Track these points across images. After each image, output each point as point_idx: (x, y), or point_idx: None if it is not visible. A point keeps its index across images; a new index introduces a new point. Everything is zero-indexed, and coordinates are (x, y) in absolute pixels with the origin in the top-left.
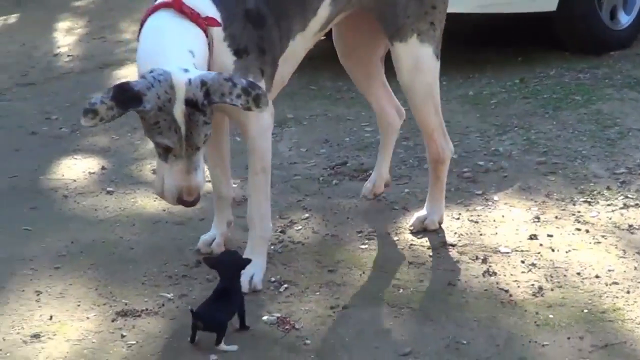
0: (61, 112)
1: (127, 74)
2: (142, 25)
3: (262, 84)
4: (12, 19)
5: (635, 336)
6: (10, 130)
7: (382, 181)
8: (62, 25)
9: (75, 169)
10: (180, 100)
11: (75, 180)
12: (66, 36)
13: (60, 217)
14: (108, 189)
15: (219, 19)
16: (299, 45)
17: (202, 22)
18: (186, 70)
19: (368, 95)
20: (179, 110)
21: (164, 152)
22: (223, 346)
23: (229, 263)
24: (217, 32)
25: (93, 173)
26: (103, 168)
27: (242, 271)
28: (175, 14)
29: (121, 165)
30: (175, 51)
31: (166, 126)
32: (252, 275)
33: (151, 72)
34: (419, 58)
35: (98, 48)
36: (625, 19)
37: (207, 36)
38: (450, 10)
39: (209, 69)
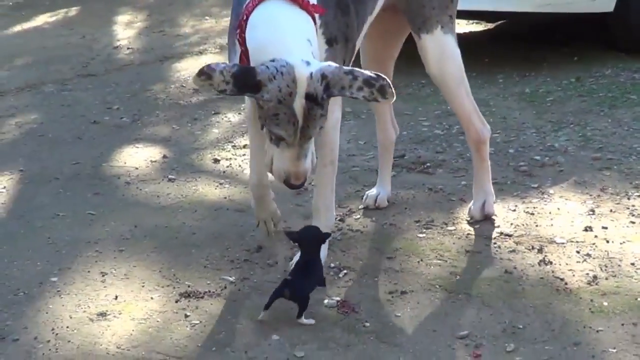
0: (122, 103)
1: (187, 66)
2: (247, 14)
3: None
4: (73, 11)
5: None
6: (72, 119)
7: (386, 195)
8: (122, 18)
9: (137, 157)
10: (301, 94)
11: (137, 168)
12: (126, 29)
13: (123, 203)
14: (169, 176)
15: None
16: (366, 30)
17: (312, 10)
18: (308, 63)
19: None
20: (298, 105)
21: (277, 140)
22: (303, 320)
23: (311, 237)
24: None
25: (155, 161)
26: (164, 157)
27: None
28: (285, 2)
29: (182, 154)
30: (296, 41)
31: (285, 119)
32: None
33: (273, 61)
34: (445, 47)
35: (157, 41)
36: None
37: (315, 23)
38: (511, 9)
39: None
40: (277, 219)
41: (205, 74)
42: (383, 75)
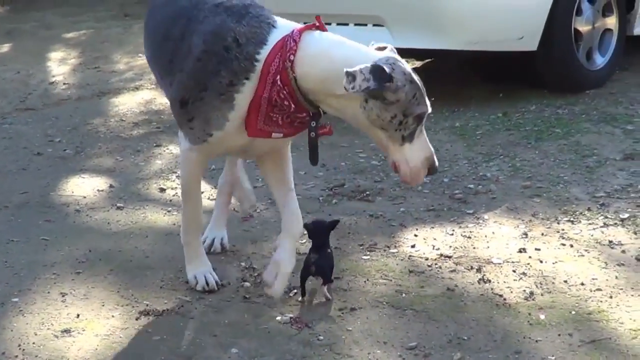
0: (64, 135)
1: (125, 101)
2: (289, 49)
3: None
4: (5, 48)
5: (619, 333)
6: (15, 150)
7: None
8: (55, 55)
9: (84, 187)
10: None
11: (85, 197)
12: (60, 66)
13: (75, 229)
14: (118, 204)
15: None
16: None
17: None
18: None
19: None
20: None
21: (417, 125)
22: (325, 291)
23: (320, 227)
24: None
25: (102, 190)
26: (111, 186)
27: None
28: (322, 33)
29: (128, 184)
30: (371, 52)
31: (421, 93)
32: None
33: (378, 60)
34: None
35: (93, 77)
36: (600, 60)
37: None
38: (440, 47)
39: None
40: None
41: (350, 75)
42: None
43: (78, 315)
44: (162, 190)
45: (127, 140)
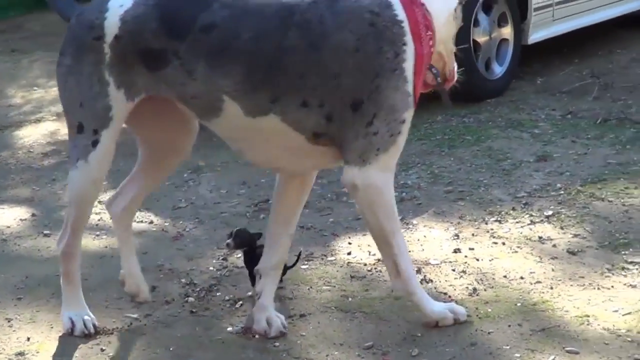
0: None
1: (29, 133)
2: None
3: None
4: None
5: (566, 320)
6: None
7: None
8: None
9: (5, 217)
10: None
11: (9, 227)
12: None
13: (5, 258)
14: (44, 232)
15: None
16: None
17: None
18: None
19: None
20: None
21: None
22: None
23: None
24: None
25: (24, 220)
26: (33, 215)
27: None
28: None
29: (49, 211)
30: None
31: None
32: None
33: None
34: None
35: None
36: (498, 69)
37: None
38: None
39: None
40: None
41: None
42: None
43: (28, 339)
44: None
45: (39, 171)
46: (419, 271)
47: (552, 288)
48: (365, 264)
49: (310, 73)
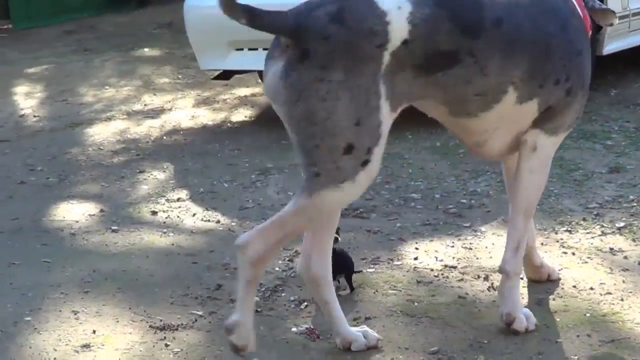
0: (44, 165)
1: (99, 131)
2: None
3: None
4: None
5: (636, 333)
6: None
7: None
8: (20, 89)
9: (75, 212)
10: None
11: (77, 221)
12: (27, 99)
13: (74, 252)
14: (112, 227)
15: None
16: None
17: None
18: None
19: None
20: None
21: None
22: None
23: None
24: None
25: (93, 215)
26: (101, 211)
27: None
28: None
29: (118, 208)
30: None
31: None
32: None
33: None
34: None
35: (63, 109)
36: None
37: None
38: None
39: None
40: None
41: None
42: None
43: (94, 331)
44: (154, 213)
45: (109, 168)
46: (486, 278)
47: (622, 300)
48: (432, 269)
49: (564, 53)
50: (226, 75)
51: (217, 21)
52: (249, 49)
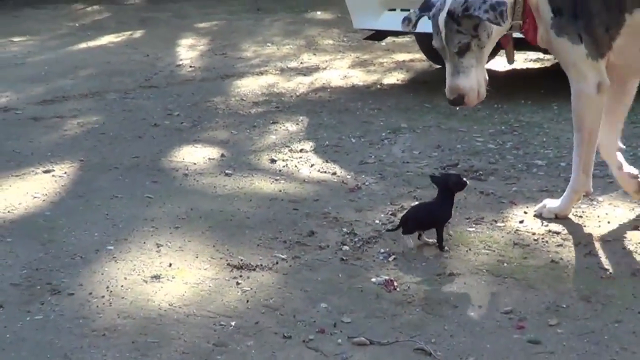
0: (182, 110)
1: (248, 84)
2: None
3: (580, 48)
4: (137, 34)
5: None
6: (133, 121)
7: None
8: (185, 42)
9: (196, 155)
10: (445, 11)
11: (195, 164)
12: (189, 51)
13: (180, 190)
14: (227, 171)
15: None
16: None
17: None
18: None
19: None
20: (441, 18)
21: (442, 56)
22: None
23: (451, 182)
24: None
25: (213, 159)
26: (222, 156)
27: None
28: None
29: (239, 154)
30: None
31: (435, 31)
32: (545, 206)
33: None
34: None
35: (219, 62)
36: None
37: None
38: None
39: (533, 12)
40: None
41: (406, 19)
42: (505, 3)
43: (170, 265)
44: (273, 161)
45: (244, 117)
46: (586, 245)
47: None
48: (533, 233)
49: None
50: (379, 36)
51: None
52: (402, 9)
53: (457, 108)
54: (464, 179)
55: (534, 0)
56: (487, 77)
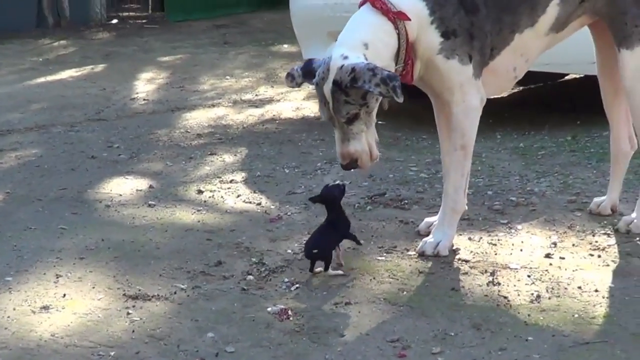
0: (124, 143)
1: (197, 116)
2: None
3: (469, 68)
4: (99, 68)
5: (619, 337)
6: (72, 154)
7: (610, 203)
8: (145, 75)
9: (124, 187)
10: (330, 80)
11: (121, 195)
12: (147, 84)
13: (97, 222)
14: (150, 202)
15: (426, 7)
16: (530, 41)
17: (391, 17)
18: (345, 58)
19: (609, 114)
20: (327, 88)
21: (331, 123)
22: (330, 272)
23: (336, 195)
24: (423, 18)
25: (140, 190)
26: (151, 187)
27: (430, 237)
28: (370, 9)
29: (168, 185)
30: (349, 41)
31: (320, 100)
32: (439, 242)
33: (328, 56)
34: None
35: (174, 95)
36: None
37: (396, 28)
38: None
39: (413, 51)
40: None
41: (289, 75)
42: (397, 76)
43: (64, 295)
44: (200, 192)
45: (183, 149)
46: (492, 274)
47: (623, 304)
48: (442, 262)
49: None
50: None
51: (318, 13)
52: None
53: (352, 170)
54: (339, 182)
55: (413, 37)
56: (377, 137)
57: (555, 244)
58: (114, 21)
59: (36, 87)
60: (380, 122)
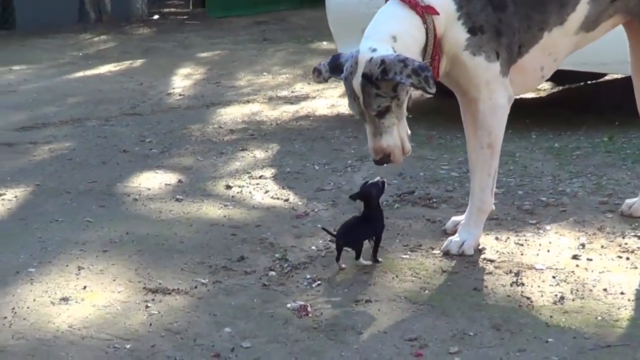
0: (156, 137)
1: (231, 112)
2: None
3: (496, 66)
4: (137, 63)
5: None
6: (104, 148)
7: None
8: (183, 71)
9: (153, 181)
10: (359, 74)
11: (149, 189)
12: (183, 80)
13: (123, 215)
14: (178, 197)
15: (453, 2)
16: (559, 40)
17: (420, 10)
18: (374, 50)
19: None
20: (357, 82)
21: (361, 118)
22: (361, 261)
23: (375, 193)
24: (450, 13)
25: (169, 185)
26: (180, 181)
27: (455, 236)
28: (398, 2)
29: (198, 180)
30: (377, 34)
31: (350, 95)
32: (464, 241)
33: (356, 50)
34: None
35: (210, 90)
36: None
37: (424, 22)
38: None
39: (439, 47)
40: None
41: (316, 70)
42: (429, 67)
43: (85, 287)
44: (229, 187)
45: (215, 144)
46: (517, 274)
47: None
48: (467, 262)
49: None
50: None
51: (353, 10)
52: None
53: (384, 165)
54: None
55: (440, 32)
56: (409, 131)
57: (583, 245)
58: (155, 17)
59: (74, 82)
60: (408, 116)
